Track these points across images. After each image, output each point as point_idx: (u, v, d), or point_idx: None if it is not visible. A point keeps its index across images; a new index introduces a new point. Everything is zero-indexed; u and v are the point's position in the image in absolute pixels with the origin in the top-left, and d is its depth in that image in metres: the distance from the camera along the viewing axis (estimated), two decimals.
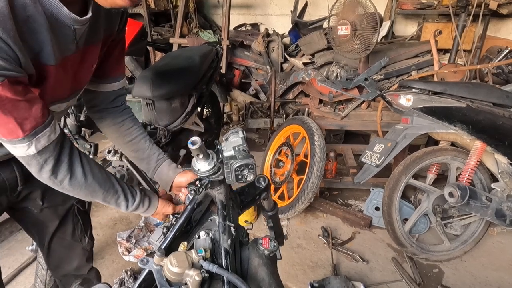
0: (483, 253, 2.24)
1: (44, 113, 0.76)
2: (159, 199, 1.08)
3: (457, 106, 1.94)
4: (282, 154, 2.71)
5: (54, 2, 0.71)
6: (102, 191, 0.92)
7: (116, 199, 0.97)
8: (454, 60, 3.08)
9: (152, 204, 1.05)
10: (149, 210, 1.05)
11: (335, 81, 2.86)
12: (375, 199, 2.51)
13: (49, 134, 0.78)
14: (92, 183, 0.89)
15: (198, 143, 0.71)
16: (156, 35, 4.48)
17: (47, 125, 0.77)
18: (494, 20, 3.76)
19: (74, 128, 2.00)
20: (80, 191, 0.89)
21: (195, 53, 2.42)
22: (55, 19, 0.74)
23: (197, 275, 0.66)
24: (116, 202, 0.98)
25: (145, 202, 1.03)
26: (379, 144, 2.11)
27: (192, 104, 2.25)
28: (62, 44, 0.79)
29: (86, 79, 1.00)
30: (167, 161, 1.17)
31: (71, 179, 0.85)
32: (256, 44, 4.18)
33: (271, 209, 1.18)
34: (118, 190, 0.97)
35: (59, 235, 1.36)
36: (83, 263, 1.48)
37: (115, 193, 0.96)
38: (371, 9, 2.47)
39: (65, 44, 0.81)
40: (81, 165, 0.86)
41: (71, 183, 0.85)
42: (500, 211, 1.98)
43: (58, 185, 0.85)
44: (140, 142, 1.18)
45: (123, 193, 0.98)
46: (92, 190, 0.90)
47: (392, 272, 2.10)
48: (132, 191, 1.01)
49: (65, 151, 0.83)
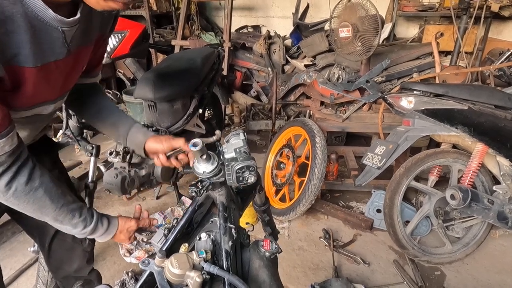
0: (485, 256, 2.23)
1: (2, 123, 0.74)
2: (119, 216, 1.02)
3: (459, 108, 1.94)
4: (284, 156, 2.71)
5: (38, 4, 0.70)
6: (53, 208, 0.86)
7: (71, 218, 0.90)
8: (456, 62, 3.08)
9: (112, 223, 0.99)
10: (110, 229, 0.98)
11: (337, 83, 2.86)
12: (376, 201, 2.50)
13: (3, 145, 0.75)
14: (42, 198, 0.84)
15: (199, 145, 0.72)
16: (158, 37, 4.49)
17: (3, 136, 0.74)
18: (495, 22, 3.75)
19: (76, 129, 2.00)
20: (27, 205, 0.83)
21: (196, 55, 2.43)
22: (39, 21, 0.72)
23: (198, 277, 0.66)
24: (71, 222, 0.90)
25: (103, 222, 0.97)
26: (381, 146, 2.11)
27: (194, 106, 2.25)
28: (47, 47, 0.77)
29: (74, 81, 1.00)
30: (136, 125, 1.15)
31: (15, 192, 0.80)
32: (257, 46, 4.19)
33: (263, 204, 1.20)
34: (74, 208, 0.90)
35: (60, 237, 1.36)
36: (83, 264, 1.48)
37: (70, 211, 0.89)
38: (372, 11, 2.48)
39: (52, 48, 0.79)
40: (28, 176, 0.81)
41: (15, 196, 0.81)
42: (502, 214, 1.98)
43: (1, 196, 0.80)
44: (107, 110, 1.16)
45: (79, 212, 0.91)
46: (41, 205, 0.85)
47: (394, 275, 2.09)
48: (90, 210, 0.95)
49: (16, 163, 0.80)
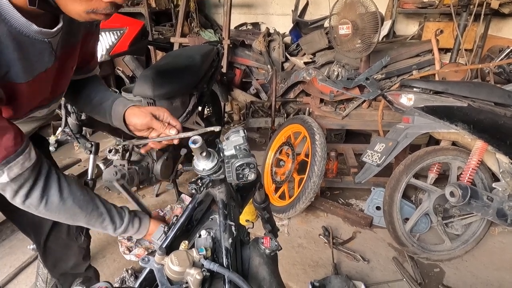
0: (484, 253, 2.24)
1: (16, 141, 0.74)
2: (151, 219, 1.02)
3: (459, 105, 1.94)
4: (283, 154, 2.70)
5: (21, 21, 0.70)
6: (84, 214, 0.88)
7: (101, 222, 0.92)
8: (456, 59, 3.08)
9: (143, 225, 0.99)
10: (140, 231, 0.99)
11: (336, 81, 2.86)
12: (376, 198, 2.51)
13: (23, 162, 0.76)
14: (72, 207, 0.85)
15: (199, 142, 0.71)
16: (157, 34, 4.48)
17: (20, 153, 0.75)
18: (495, 19, 3.75)
19: (75, 127, 2.00)
20: (59, 215, 0.86)
21: (196, 52, 2.42)
22: (25, 37, 0.72)
23: (198, 274, 0.66)
24: (101, 225, 0.92)
25: (134, 223, 0.97)
26: (380, 144, 2.11)
27: (193, 104, 2.25)
28: (36, 60, 0.78)
29: (67, 81, 0.99)
30: (119, 98, 1.07)
31: (47, 204, 0.82)
32: (257, 43, 4.18)
33: (263, 201, 1.18)
34: (103, 212, 0.91)
35: (55, 234, 1.36)
36: (79, 261, 1.49)
37: (100, 215, 0.91)
38: (372, 8, 2.47)
39: (40, 59, 0.79)
40: (58, 189, 0.83)
41: (47, 208, 0.82)
42: (502, 211, 1.98)
43: (34, 210, 0.82)
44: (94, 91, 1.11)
45: (109, 215, 0.92)
46: (72, 213, 0.87)
47: (393, 272, 2.10)
48: (120, 212, 0.96)
49: (41, 176, 0.81)
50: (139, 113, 0.98)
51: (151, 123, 0.96)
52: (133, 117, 0.99)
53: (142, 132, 1.00)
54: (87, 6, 0.69)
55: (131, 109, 1.00)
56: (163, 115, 0.98)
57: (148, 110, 0.98)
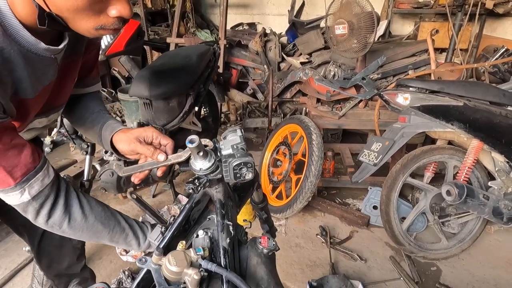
0: (480, 251, 2.25)
1: (34, 157, 0.74)
2: None
3: (454, 104, 1.95)
4: (280, 154, 2.71)
5: (30, 40, 0.71)
6: (107, 231, 0.87)
7: (124, 238, 0.90)
8: (451, 59, 3.09)
9: None
10: None
11: (333, 80, 2.86)
12: (373, 198, 2.51)
13: (42, 178, 0.75)
14: (95, 223, 0.84)
15: (196, 142, 0.71)
16: (153, 34, 4.46)
17: (39, 170, 0.75)
18: (490, 19, 3.77)
19: (71, 128, 1.99)
20: (82, 233, 0.84)
21: (192, 52, 2.41)
22: (34, 55, 0.73)
23: (195, 274, 0.65)
24: (125, 241, 0.91)
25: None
26: (377, 143, 2.11)
27: (190, 104, 2.24)
28: (42, 75, 0.79)
29: (68, 93, 0.97)
30: (109, 121, 1.01)
31: (70, 222, 0.81)
32: (253, 43, 4.18)
33: (261, 201, 1.17)
34: (125, 227, 0.90)
35: (48, 235, 1.35)
36: (73, 261, 1.48)
37: (122, 231, 0.89)
38: (368, 8, 2.48)
39: (46, 74, 0.80)
40: (79, 206, 0.82)
41: (70, 226, 0.81)
42: (497, 209, 1.99)
43: (58, 229, 0.81)
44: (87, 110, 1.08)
45: (132, 230, 0.91)
46: (95, 230, 0.85)
47: (390, 271, 2.10)
48: (142, 226, 0.94)
49: (61, 193, 0.80)
50: (124, 139, 0.93)
51: (136, 148, 0.90)
52: (119, 143, 0.95)
53: (134, 156, 0.95)
54: (96, 23, 0.69)
55: (117, 135, 0.96)
56: (151, 136, 0.91)
57: (134, 134, 0.92)
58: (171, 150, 0.89)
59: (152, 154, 0.86)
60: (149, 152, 0.87)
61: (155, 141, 0.91)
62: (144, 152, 0.88)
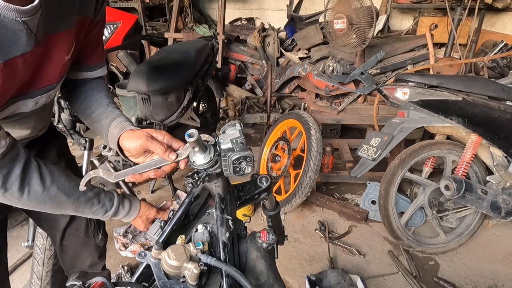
0: (478, 246, 2.26)
1: None
2: (142, 201, 0.98)
3: (453, 99, 1.95)
4: (279, 149, 2.70)
5: None
6: (71, 201, 0.84)
7: (90, 207, 0.87)
8: (450, 54, 3.09)
9: (133, 206, 0.95)
10: (131, 212, 0.95)
11: (332, 75, 2.86)
12: (371, 193, 2.52)
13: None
14: (58, 194, 0.81)
15: (195, 136, 0.70)
16: (150, 29, 4.43)
17: None
18: (489, 14, 3.77)
19: (69, 123, 1.98)
20: (44, 205, 0.81)
21: (190, 47, 2.40)
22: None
23: (195, 268, 0.65)
24: (90, 210, 0.88)
25: (125, 205, 0.94)
26: (376, 138, 2.11)
27: (188, 99, 2.23)
28: (9, 40, 0.69)
29: (57, 73, 0.87)
30: (119, 118, 0.95)
31: (30, 194, 0.77)
32: (252, 38, 4.16)
33: (273, 209, 1.11)
34: (91, 197, 0.87)
35: (72, 232, 1.34)
36: (96, 260, 1.46)
37: (88, 200, 0.86)
38: (367, 3, 2.46)
39: (15, 41, 0.71)
40: (40, 177, 0.78)
41: (30, 199, 0.78)
42: (495, 204, 2.00)
43: (17, 202, 0.78)
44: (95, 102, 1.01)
45: (97, 199, 0.88)
46: (58, 201, 0.82)
47: (389, 265, 2.11)
48: (108, 194, 0.91)
49: (16, 165, 0.75)
50: (133, 136, 0.86)
51: (146, 144, 0.83)
52: (127, 141, 0.87)
53: (138, 158, 0.88)
54: None
55: (126, 133, 0.89)
56: (163, 138, 0.85)
57: (145, 131, 0.87)
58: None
59: (163, 152, 0.82)
60: (161, 150, 0.82)
61: (166, 143, 0.86)
62: (156, 149, 0.82)
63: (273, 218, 1.14)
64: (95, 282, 0.69)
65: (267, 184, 0.97)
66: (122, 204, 0.93)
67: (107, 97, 1.02)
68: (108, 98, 1.02)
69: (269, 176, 0.99)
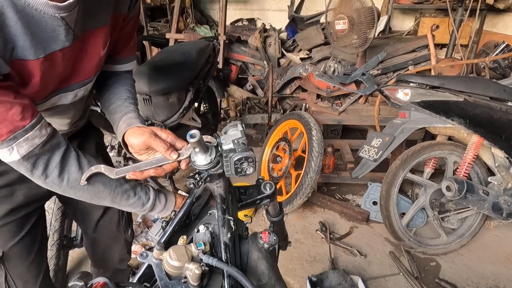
0: (479, 247, 2.26)
1: (25, 116, 0.71)
2: (176, 194, 0.99)
3: (455, 100, 1.95)
4: (280, 149, 2.70)
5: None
6: (108, 191, 0.85)
7: (126, 199, 0.88)
8: (451, 54, 3.09)
9: (169, 199, 0.96)
10: (168, 206, 0.96)
11: (333, 76, 2.85)
12: (372, 193, 2.51)
13: (33, 138, 0.73)
14: (96, 184, 0.83)
15: (197, 136, 0.70)
16: (152, 30, 4.45)
17: (29, 129, 0.72)
18: (490, 14, 3.76)
19: None
20: (83, 193, 0.84)
21: (191, 48, 2.41)
22: (31, 9, 0.67)
23: (197, 269, 0.65)
24: (127, 202, 0.89)
25: (161, 198, 0.95)
26: (377, 139, 2.11)
27: (189, 100, 2.24)
28: (48, 36, 0.73)
29: (93, 67, 0.90)
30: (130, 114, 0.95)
31: (69, 181, 0.80)
32: (253, 39, 4.16)
33: (276, 215, 1.09)
34: (127, 189, 0.88)
35: (104, 225, 1.34)
36: (125, 255, 1.47)
37: (124, 192, 0.87)
38: (368, 3, 2.46)
39: (54, 37, 0.74)
40: (78, 165, 0.81)
41: (70, 186, 0.80)
42: (497, 205, 1.99)
43: (58, 188, 0.80)
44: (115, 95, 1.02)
45: (134, 191, 0.89)
46: (96, 191, 0.84)
47: (390, 266, 2.11)
48: (145, 188, 0.92)
49: (56, 153, 0.78)
50: (137, 132, 0.88)
51: (149, 141, 0.84)
52: (131, 137, 0.89)
53: (142, 155, 0.90)
54: None
55: (132, 129, 0.90)
56: (167, 136, 0.86)
57: (150, 128, 0.88)
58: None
59: (165, 150, 0.82)
60: (163, 148, 0.82)
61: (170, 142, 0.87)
62: (157, 146, 0.83)
63: (276, 224, 1.12)
64: (97, 283, 0.69)
65: (270, 191, 0.96)
66: (158, 198, 0.94)
67: (127, 92, 1.04)
68: (128, 92, 1.04)
69: (274, 184, 0.98)
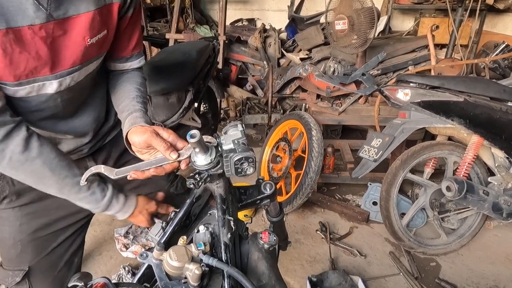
0: (479, 247, 2.26)
1: None
2: (139, 195, 0.95)
3: (455, 100, 1.94)
4: (280, 150, 2.70)
5: None
6: (55, 179, 0.81)
7: (76, 192, 0.83)
8: (451, 54, 3.09)
9: (129, 200, 0.92)
10: (126, 208, 0.92)
11: (333, 76, 2.85)
12: (372, 193, 2.51)
13: None
14: (41, 168, 0.79)
15: (197, 136, 0.70)
16: (152, 30, 4.44)
17: None
18: (490, 15, 3.76)
19: None
20: (25, 175, 0.81)
21: (191, 48, 2.41)
22: None
23: (197, 269, 0.65)
24: (77, 195, 0.84)
25: (119, 198, 0.90)
26: (377, 139, 2.11)
27: (189, 100, 2.24)
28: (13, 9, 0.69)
29: (78, 56, 0.85)
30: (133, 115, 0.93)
31: (11, 159, 0.77)
32: (253, 39, 4.16)
33: (276, 215, 1.08)
34: (79, 181, 0.82)
35: None
36: None
37: (75, 184, 0.82)
38: (368, 3, 2.46)
39: (21, 11, 0.71)
40: (24, 145, 0.77)
41: (10, 165, 0.77)
42: (497, 205, 1.99)
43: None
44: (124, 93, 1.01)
45: (87, 186, 0.84)
46: (41, 175, 0.81)
47: (390, 266, 2.11)
48: (101, 184, 0.88)
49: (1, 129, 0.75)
50: (140, 130, 0.87)
51: (150, 139, 0.83)
52: (133, 135, 0.87)
53: (144, 154, 0.88)
54: None
55: (135, 127, 0.89)
56: (169, 136, 0.84)
57: (152, 127, 0.87)
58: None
59: (165, 149, 0.81)
60: (163, 147, 0.81)
61: (171, 142, 0.85)
62: (158, 145, 0.82)
63: (276, 224, 1.12)
64: (96, 283, 0.69)
65: (270, 191, 0.95)
66: (116, 197, 0.90)
67: (136, 90, 1.02)
68: (137, 91, 1.02)
69: (274, 184, 0.97)
